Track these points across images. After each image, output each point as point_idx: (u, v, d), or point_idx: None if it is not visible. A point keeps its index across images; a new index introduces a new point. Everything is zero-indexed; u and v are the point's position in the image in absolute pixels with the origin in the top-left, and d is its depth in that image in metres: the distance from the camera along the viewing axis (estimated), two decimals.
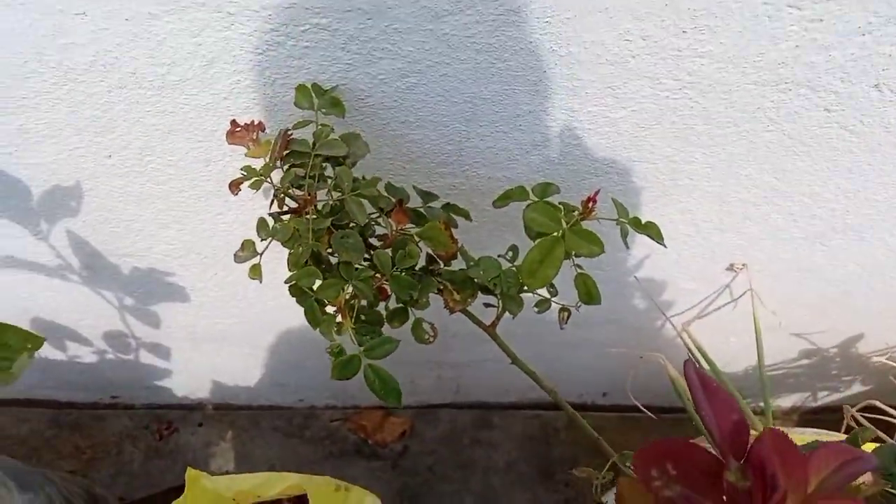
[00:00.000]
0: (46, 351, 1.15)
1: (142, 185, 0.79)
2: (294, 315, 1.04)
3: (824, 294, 0.93)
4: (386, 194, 0.63)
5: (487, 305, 0.69)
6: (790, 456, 0.34)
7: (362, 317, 0.63)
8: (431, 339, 0.65)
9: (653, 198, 0.78)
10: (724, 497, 0.33)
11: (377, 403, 1.34)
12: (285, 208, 0.60)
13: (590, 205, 0.61)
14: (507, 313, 0.67)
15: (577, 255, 0.63)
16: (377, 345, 0.57)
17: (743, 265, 0.87)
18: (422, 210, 0.66)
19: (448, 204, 0.68)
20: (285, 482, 0.71)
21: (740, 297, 0.90)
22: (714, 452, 0.36)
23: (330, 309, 0.61)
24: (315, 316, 0.58)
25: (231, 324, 1.06)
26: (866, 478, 0.41)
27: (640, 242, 0.87)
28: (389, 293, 0.64)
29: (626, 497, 0.36)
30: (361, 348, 0.57)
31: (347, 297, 0.59)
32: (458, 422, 1.34)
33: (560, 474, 1.29)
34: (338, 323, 0.58)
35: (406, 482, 1.29)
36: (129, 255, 0.91)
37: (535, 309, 0.67)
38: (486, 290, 0.68)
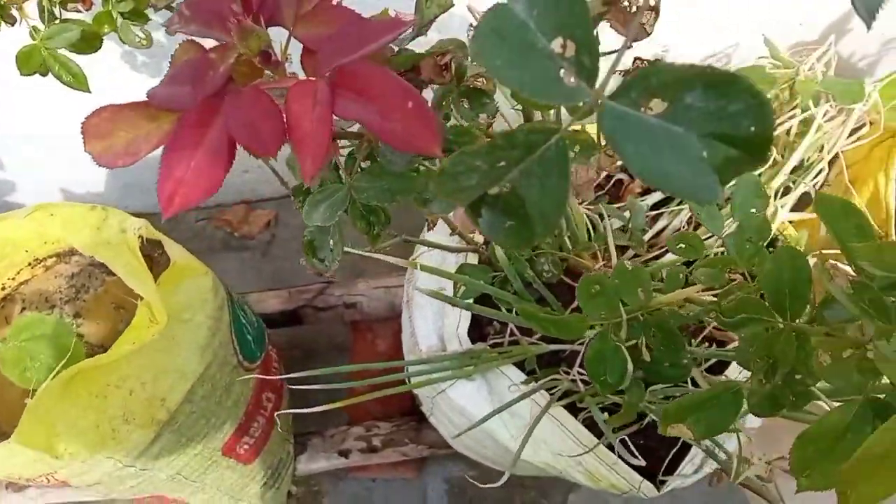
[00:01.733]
0: None
1: None
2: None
3: None
4: None
5: None
6: None
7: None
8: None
9: None
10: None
11: (239, 199, 1.34)
12: None
13: None
14: None
15: None
16: (56, 32, 0.55)
17: None
18: None
19: None
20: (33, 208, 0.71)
21: None
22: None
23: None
24: None
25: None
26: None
27: None
28: None
29: (177, 56, 0.36)
30: (41, 37, 0.55)
31: None
32: None
33: None
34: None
35: (278, 266, 1.32)
36: None
37: None
38: None
